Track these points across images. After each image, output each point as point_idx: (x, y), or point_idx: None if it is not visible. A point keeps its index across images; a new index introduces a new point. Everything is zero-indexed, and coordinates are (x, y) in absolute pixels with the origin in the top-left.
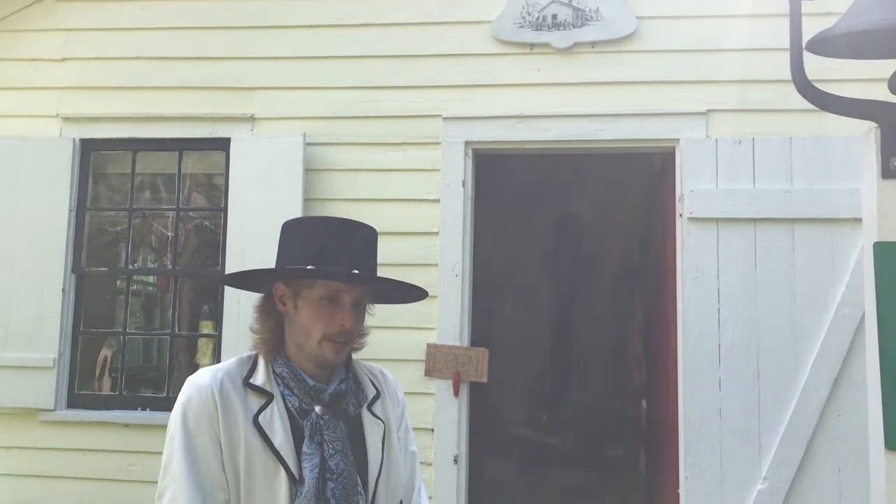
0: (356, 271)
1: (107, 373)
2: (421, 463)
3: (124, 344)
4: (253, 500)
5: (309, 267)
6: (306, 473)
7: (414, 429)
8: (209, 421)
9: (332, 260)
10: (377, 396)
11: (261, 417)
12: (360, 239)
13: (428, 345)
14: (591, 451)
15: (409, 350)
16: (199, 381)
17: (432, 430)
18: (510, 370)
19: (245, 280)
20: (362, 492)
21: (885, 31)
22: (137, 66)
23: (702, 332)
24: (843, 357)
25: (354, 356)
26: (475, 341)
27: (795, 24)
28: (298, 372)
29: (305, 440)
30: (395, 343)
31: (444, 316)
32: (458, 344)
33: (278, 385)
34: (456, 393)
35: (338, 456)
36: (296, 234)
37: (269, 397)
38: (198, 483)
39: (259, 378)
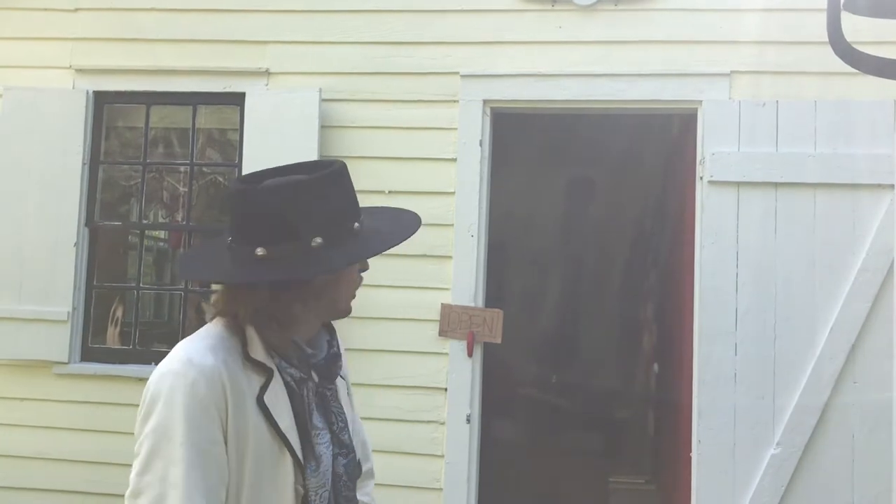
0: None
1: (120, 327)
2: (433, 422)
3: (138, 299)
4: (261, 489)
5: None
6: (322, 451)
7: (428, 388)
8: (217, 411)
9: (353, 225)
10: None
11: (266, 397)
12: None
13: (442, 305)
14: (600, 413)
15: (424, 310)
16: (202, 361)
17: (445, 390)
18: (521, 331)
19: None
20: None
21: None
22: (151, 17)
23: (719, 296)
24: (861, 324)
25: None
26: (489, 302)
27: None
28: (296, 338)
29: (314, 414)
30: (409, 302)
31: (459, 276)
32: (472, 305)
33: (272, 356)
34: (470, 353)
35: (346, 429)
36: (300, 207)
37: (269, 373)
38: (206, 490)
39: (258, 351)
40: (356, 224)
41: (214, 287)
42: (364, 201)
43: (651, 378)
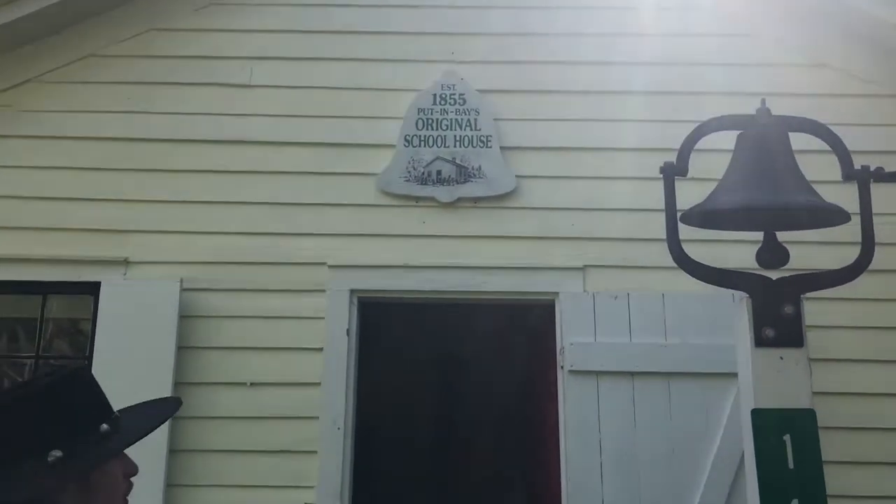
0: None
1: None
2: None
3: None
4: None
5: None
6: None
7: None
8: None
9: (100, 427)
10: None
11: None
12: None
13: None
14: None
15: None
16: None
17: None
18: None
19: None
20: None
21: (745, 210)
22: (2, 205)
23: (584, 487)
24: None
25: None
26: (356, 497)
27: (670, 199)
28: None
29: None
30: None
31: (325, 473)
32: None
33: None
34: None
35: None
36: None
37: None
38: None
39: None
40: (104, 426)
41: None
42: (224, 393)
43: None
